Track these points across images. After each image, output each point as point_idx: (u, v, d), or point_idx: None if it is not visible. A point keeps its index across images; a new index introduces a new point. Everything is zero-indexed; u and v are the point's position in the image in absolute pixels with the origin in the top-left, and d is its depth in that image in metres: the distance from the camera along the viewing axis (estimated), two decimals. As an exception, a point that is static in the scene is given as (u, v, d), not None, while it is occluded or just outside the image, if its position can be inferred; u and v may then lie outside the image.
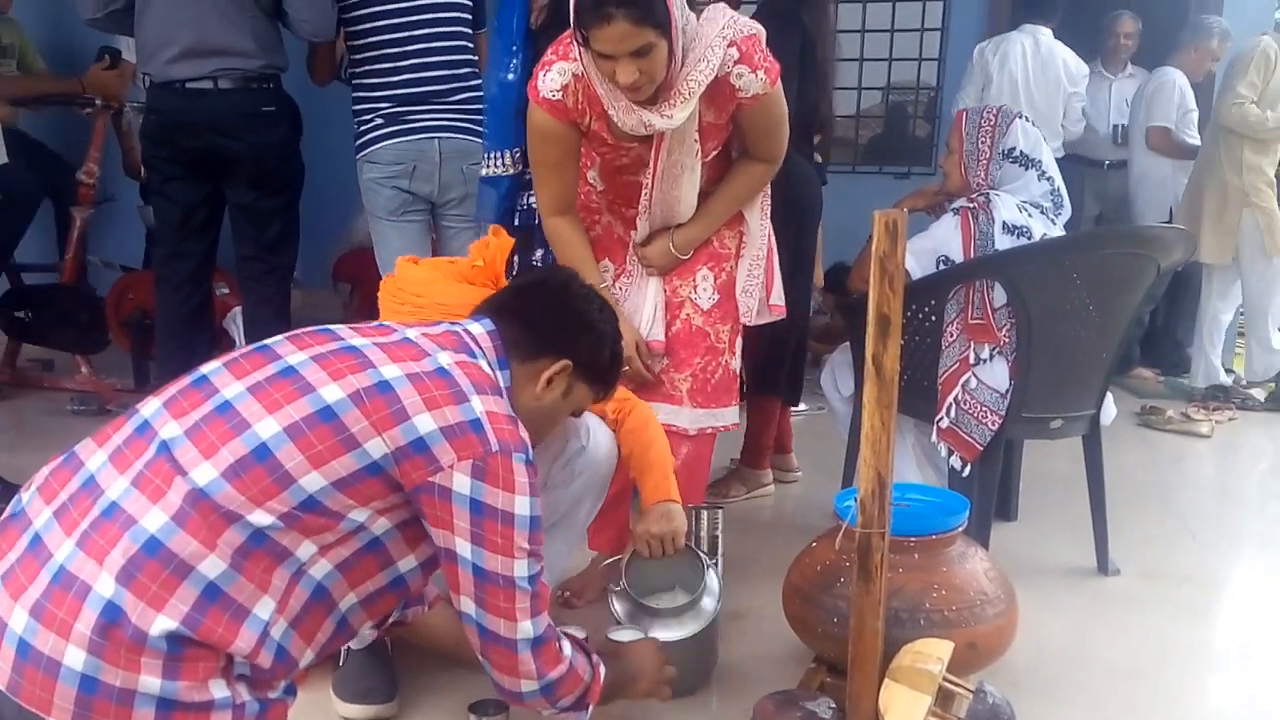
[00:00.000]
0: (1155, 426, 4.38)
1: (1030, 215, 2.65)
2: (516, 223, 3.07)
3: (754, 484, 3.35)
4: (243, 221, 3.38)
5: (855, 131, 6.07)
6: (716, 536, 2.30)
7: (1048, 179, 2.71)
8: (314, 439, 1.37)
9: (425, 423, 1.42)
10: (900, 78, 6.01)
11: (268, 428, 1.37)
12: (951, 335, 2.59)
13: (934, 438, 2.59)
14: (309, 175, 3.48)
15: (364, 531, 1.43)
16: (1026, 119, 2.76)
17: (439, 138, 3.20)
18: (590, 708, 1.68)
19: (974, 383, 2.56)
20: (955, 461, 2.57)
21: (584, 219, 2.46)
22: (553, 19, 2.86)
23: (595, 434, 2.15)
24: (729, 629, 2.32)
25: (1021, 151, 2.69)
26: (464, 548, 1.46)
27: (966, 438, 2.55)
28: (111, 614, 1.26)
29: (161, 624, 1.27)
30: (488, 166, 3.11)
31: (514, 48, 3.04)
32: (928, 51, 5.89)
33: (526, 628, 1.53)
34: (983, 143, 2.71)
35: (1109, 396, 2.74)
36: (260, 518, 1.34)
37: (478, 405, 1.46)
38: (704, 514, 2.30)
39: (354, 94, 3.27)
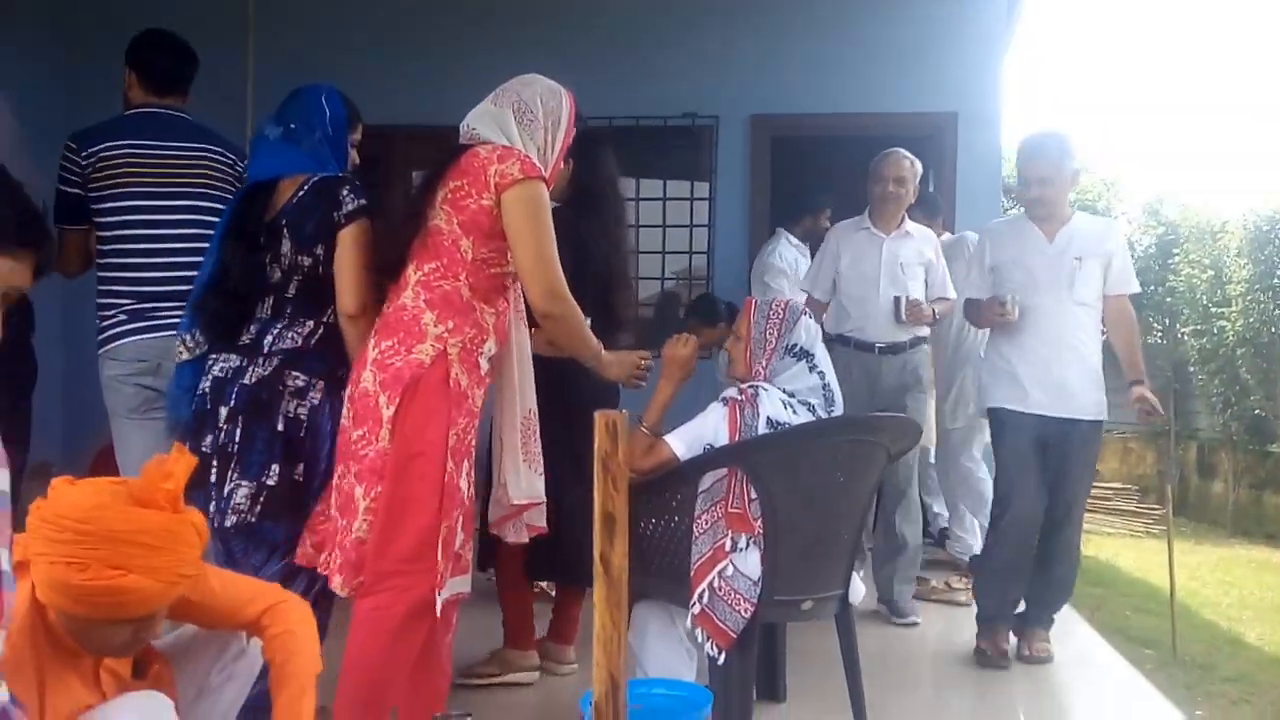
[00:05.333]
0: (923, 596, 4.55)
1: (795, 411, 2.75)
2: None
3: (512, 667, 3.25)
4: None
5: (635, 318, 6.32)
6: (467, 744, 2.19)
7: (819, 373, 2.83)
8: None
9: None
10: (674, 268, 6.35)
11: None
12: (705, 524, 2.63)
13: (689, 623, 2.60)
14: (67, 364, 3.29)
15: None
16: (809, 315, 2.91)
17: None
18: None
19: (730, 570, 2.59)
20: (711, 649, 2.57)
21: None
22: None
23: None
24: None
25: (801, 347, 2.82)
26: None
27: (720, 624, 2.56)
28: None
29: None
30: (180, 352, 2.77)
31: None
32: (697, 245, 6.24)
33: None
34: (770, 334, 2.83)
35: (855, 576, 2.84)
36: None
37: None
38: (451, 722, 2.19)
39: (99, 286, 3.14)
